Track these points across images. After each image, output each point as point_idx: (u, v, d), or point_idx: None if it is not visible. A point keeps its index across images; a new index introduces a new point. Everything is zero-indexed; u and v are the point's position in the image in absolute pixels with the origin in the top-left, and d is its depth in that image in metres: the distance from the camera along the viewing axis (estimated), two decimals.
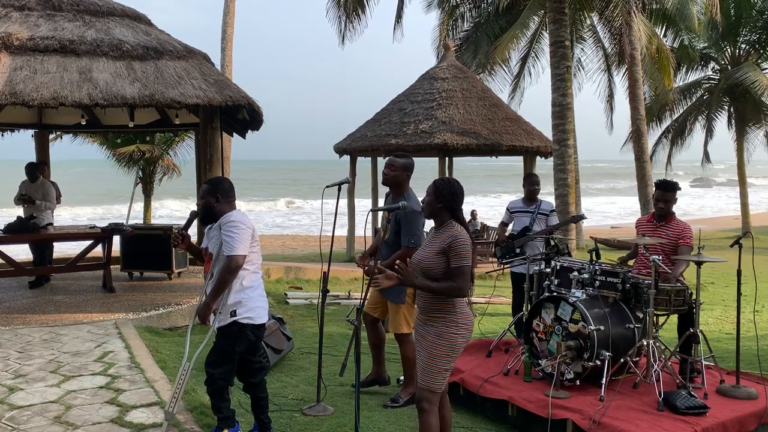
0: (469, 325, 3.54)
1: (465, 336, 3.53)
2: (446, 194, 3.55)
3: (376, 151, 13.98)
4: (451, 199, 3.54)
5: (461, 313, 3.52)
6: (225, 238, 3.85)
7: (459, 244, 3.44)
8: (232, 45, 17.11)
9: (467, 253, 3.45)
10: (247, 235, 3.89)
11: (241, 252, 3.83)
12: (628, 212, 38.62)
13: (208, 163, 8.68)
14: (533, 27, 19.10)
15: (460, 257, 3.43)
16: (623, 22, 13.65)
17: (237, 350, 3.95)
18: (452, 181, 3.61)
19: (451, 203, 3.54)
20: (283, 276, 11.41)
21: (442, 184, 3.58)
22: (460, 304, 3.53)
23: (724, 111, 22.50)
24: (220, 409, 4.00)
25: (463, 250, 3.45)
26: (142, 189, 16.34)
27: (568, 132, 12.25)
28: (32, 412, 4.44)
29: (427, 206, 3.60)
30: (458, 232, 3.48)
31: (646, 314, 4.78)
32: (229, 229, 3.86)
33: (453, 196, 3.54)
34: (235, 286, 3.94)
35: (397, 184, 4.91)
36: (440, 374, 3.49)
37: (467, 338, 3.55)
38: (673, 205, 5.32)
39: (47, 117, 11.02)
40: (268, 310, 4.15)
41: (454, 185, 3.58)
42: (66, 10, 8.74)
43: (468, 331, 3.54)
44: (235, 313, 3.92)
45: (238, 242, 3.83)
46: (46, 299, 8.30)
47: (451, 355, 3.49)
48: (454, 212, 3.56)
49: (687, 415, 4.15)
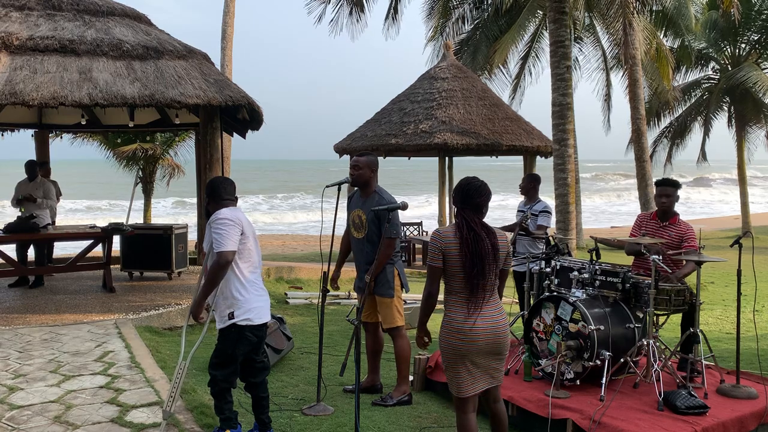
0: (451, 331, 3.42)
1: (447, 340, 3.44)
2: (454, 193, 3.58)
3: (377, 150, 13.98)
4: (457, 199, 3.53)
5: (445, 315, 3.50)
6: (213, 235, 3.86)
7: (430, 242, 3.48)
8: (232, 45, 17.10)
9: (429, 252, 3.47)
10: (236, 231, 3.87)
11: (229, 248, 3.81)
12: (628, 212, 38.63)
13: (208, 163, 8.69)
14: (532, 28, 19.08)
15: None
16: (624, 23, 13.62)
17: (238, 353, 3.94)
18: (464, 180, 3.58)
19: (457, 202, 3.53)
20: (283, 276, 11.40)
21: (458, 184, 3.59)
22: (449, 308, 3.49)
23: (724, 111, 22.49)
24: (223, 410, 3.99)
25: (429, 249, 3.48)
26: (142, 189, 16.34)
27: (568, 132, 12.23)
28: (32, 412, 4.44)
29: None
30: (434, 231, 3.52)
31: (646, 314, 4.78)
32: (217, 227, 3.86)
33: (458, 194, 3.53)
34: (231, 287, 3.91)
35: (364, 183, 4.99)
36: (450, 380, 3.50)
37: (452, 344, 3.41)
38: (676, 202, 5.32)
39: (47, 117, 11.03)
40: (269, 309, 4.13)
41: (462, 184, 3.55)
42: (66, 10, 8.75)
43: (449, 335, 3.43)
44: (233, 315, 3.89)
45: (226, 238, 3.82)
46: (46, 299, 8.29)
47: (448, 359, 3.47)
48: (459, 211, 3.52)
49: (687, 415, 4.15)
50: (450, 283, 3.49)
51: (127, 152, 15.20)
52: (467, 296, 3.43)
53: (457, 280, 3.44)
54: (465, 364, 3.44)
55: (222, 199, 4.03)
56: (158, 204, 36.86)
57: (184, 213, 36.57)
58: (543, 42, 19.80)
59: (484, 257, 3.39)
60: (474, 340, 3.39)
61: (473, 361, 3.44)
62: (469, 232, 3.40)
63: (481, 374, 3.47)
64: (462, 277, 3.42)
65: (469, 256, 3.37)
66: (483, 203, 3.50)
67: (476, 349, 3.40)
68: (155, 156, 15.81)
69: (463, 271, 3.40)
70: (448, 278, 3.49)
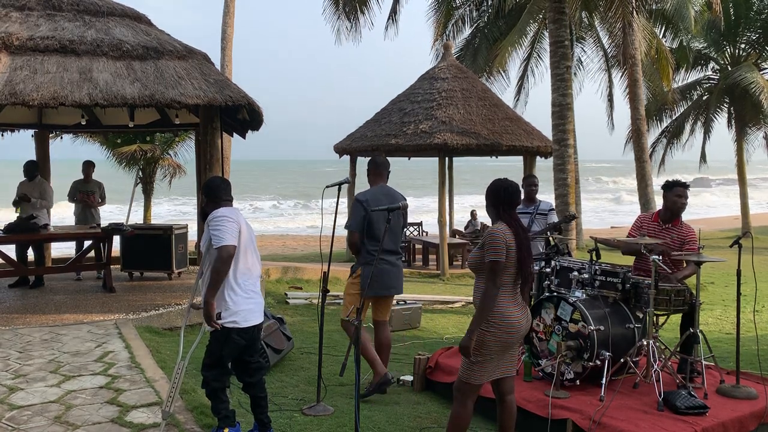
0: (503, 325, 3.53)
1: (498, 336, 3.54)
2: (488, 193, 3.72)
3: (376, 150, 13.98)
4: (493, 198, 3.68)
5: (496, 311, 3.54)
6: (212, 232, 3.85)
7: (489, 238, 3.55)
8: (232, 45, 17.08)
9: (493, 248, 3.51)
10: (234, 227, 3.87)
11: (230, 242, 3.81)
12: (628, 212, 38.62)
13: (208, 163, 8.68)
14: (533, 30, 19.06)
15: (488, 251, 3.53)
16: (624, 23, 13.62)
17: (225, 354, 3.93)
18: (497, 181, 3.72)
19: (495, 202, 3.67)
20: (283, 276, 11.41)
21: (490, 185, 3.73)
22: (499, 303, 3.55)
23: (724, 111, 22.48)
24: (219, 410, 4.00)
25: (491, 245, 3.53)
26: (142, 189, 16.33)
27: (568, 132, 12.23)
28: (32, 412, 4.44)
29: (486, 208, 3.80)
30: (494, 228, 3.60)
31: (646, 314, 4.78)
32: (216, 224, 3.86)
33: (492, 195, 3.68)
34: (222, 288, 3.89)
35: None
36: (470, 367, 3.59)
37: (502, 339, 3.55)
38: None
39: (47, 117, 11.02)
40: (262, 311, 4.10)
41: (495, 184, 3.70)
42: (66, 10, 8.74)
43: (501, 330, 3.53)
44: (220, 316, 3.87)
45: (225, 233, 3.82)
46: (46, 299, 8.29)
47: (479, 350, 3.56)
48: (498, 210, 3.66)
49: (687, 415, 4.15)
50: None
51: (126, 153, 15.19)
52: (517, 290, 3.63)
53: (509, 275, 3.58)
54: (501, 355, 3.61)
55: (221, 199, 4.04)
56: (160, 204, 36.87)
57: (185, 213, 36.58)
58: (544, 42, 19.80)
59: (531, 255, 3.65)
60: (520, 331, 3.61)
61: (507, 351, 3.64)
62: (522, 232, 3.61)
63: (505, 363, 3.67)
64: (514, 273, 3.58)
65: (526, 253, 3.59)
66: (519, 203, 3.73)
67: (518, 339, 3.62)
68: (155, 156, 15.80)
69: (516, 267, 3.58)
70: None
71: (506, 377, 3.72)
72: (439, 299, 10.18)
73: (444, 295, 10.61)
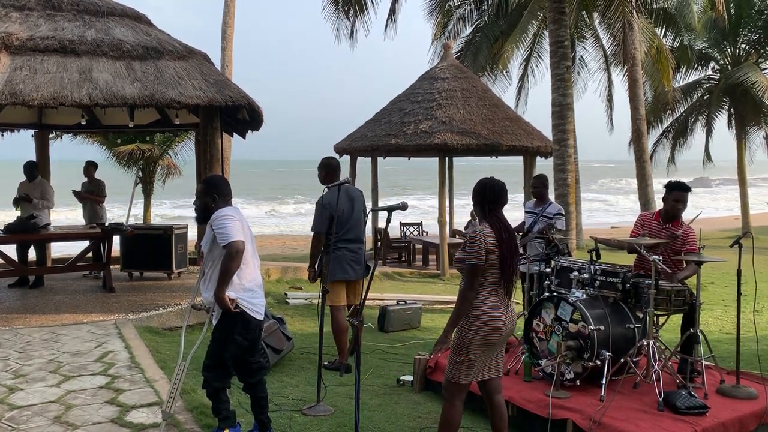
0: (487, 325, 3.55)
1: (482, 335, 3.56)
2: (474, 193, 3.71)
3: (376, 151, 13.97)
4: (479, 197, 3.69)
5: (477, 309, 3.56)
6: (217, 231, 3.85)
7: (469, 241, 3.57)
8: (232, 45, 17.08)
9: (472, 251, 3.53)
10: (238, 225, 3.88)
11: (237, 237, 3.81)
12: (628, 212, 38.61)
13: (208, 163, 8.68)
14: (534, 30, 19.05)
15: (467, 254, 3.55)
16: (624, 23, 13.62)
17: (227, 354, 3.94)
18: (483, 180, 3.72)
19: (481, 201, 3.68)
20: (283, 276, 11.40)
21: (476, 184, 3.72)
22: (479, 301, 3.56)
23: (724, 111, 22.47)
24: (219, 410, 4.00)
25: (470, 248, 3.54)
26: (142, 189, 16.31)
27: (568, 132, 12.22)
28: (32, 412, 4.44)
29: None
30: (475, 230, 3.60)
31: (646, 314, 4.78)
32: (220, 222, 3.86)
33: (478, 194, 3.68)
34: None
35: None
36: (455, 367, 3.62)
37: (487, 338, 3.57)
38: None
39: (47, 117, 11.02)
40: (263, 310, 4.10)
41: (481, 184, 3.70)
42: (66, 10, 8.74)
43: (485, 330, 3.55)
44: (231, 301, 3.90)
45: (231, 230, 3.82)
46: (46, 299, 8.29)
47: (462, 349, 3.59)
48: (484, 209, 3.67)
49: (687, 415, 4.15)
50: (484, 278, 3.61)
51: (125, 153, 15.18)
52: (501, 291, 3.63)
53: (492, 276, 3.58)
54: (486, 354, 3.62)
55: (228, 198, 4.06)
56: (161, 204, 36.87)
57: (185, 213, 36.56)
58: (545, 42, 19.80)
59: (515, 255, 3.64)
60: (504, 331, 3.63)
61: (492, 351, 3.65)
62: (505, 232, 3.60)
63: (492, 363, 3.68)
64: (497, 273, 3.58)
65: (508, 254, 3.58)
66: (506, 203, 3.72)
67: (503, 339, 3.65)
68: (154, 156, 15.79)
69: (499, 268, 3.58)
70: (483, 274, 3.61)
71: (492, 378, 3.74)
72: (439, 299, 10.18)
73: (444, 295, 10.61)
